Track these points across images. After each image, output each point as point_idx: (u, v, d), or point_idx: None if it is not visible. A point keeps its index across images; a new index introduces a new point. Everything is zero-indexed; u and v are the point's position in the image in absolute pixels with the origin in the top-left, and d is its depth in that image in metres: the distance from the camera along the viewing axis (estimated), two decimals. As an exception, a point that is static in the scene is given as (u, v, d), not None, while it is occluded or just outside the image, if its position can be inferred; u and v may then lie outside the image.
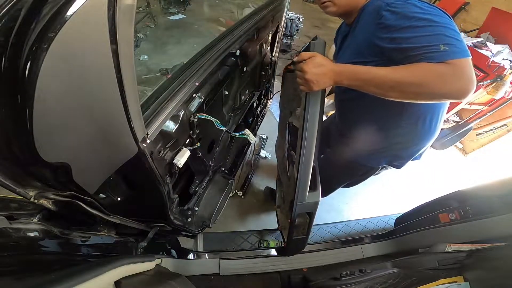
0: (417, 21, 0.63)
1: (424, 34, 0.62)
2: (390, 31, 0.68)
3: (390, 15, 0.67)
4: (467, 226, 1.03)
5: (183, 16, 4.12)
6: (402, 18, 0.65)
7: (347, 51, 0.88)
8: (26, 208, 0.57)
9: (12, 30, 0.26)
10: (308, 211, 0.85)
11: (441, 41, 0.60)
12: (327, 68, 0.69)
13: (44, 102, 0.32)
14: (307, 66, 0.69)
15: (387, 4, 0.69)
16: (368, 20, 0.75)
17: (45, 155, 0.37)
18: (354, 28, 0.84)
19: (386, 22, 0.68)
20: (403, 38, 0.65)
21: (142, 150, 0.56)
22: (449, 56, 0.59)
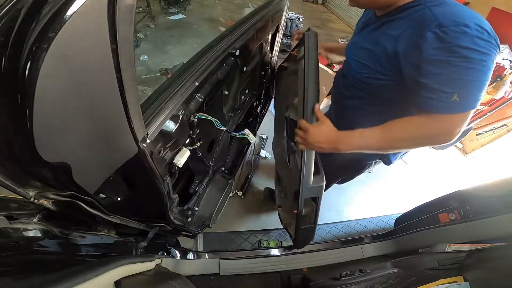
0: (456, 58, 0.55)
1: (449, 75, 0.57)
2: (422, 59, 0.59)
3: (434, 41, 0.56)
4: (467, 226, 1.03)
5: (183, 16, 4.13)
6: (443, 50, 0.56)
7: (363, 46, 0.78)
8: (26, 208, 0.57)
9: (12, 30, 0.26)
10: (314, 196, 0.85)
11: (460, 88, 0.56)
12: (330, 139, 0.72)
13: (44, 102, 0.32)
14: (313, 133, 0.73)
15: (439, 25, 0.56)
16: (406, 29, 0.64)
17: (45, 155, 0.37)
18: (383, 24, 0.73)
19: (425, 46, 0.57)
20: (429, 73, 0.59)
21: (142, 150, 0.56)
22: (454, 109, 0.58)
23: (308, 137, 0.74)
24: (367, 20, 0.82)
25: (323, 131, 0.74)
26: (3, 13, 0.25)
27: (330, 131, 0.74)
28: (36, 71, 0.28)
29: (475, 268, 0.81)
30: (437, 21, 0.57)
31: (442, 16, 0.57)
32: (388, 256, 1.24)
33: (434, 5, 0.61)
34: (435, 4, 0.61)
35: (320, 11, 5.66)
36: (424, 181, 2.18)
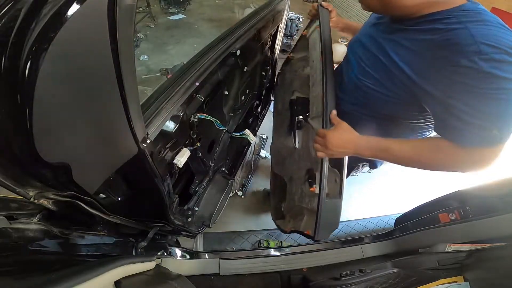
0: (497, 91, 0.48)
1: (489, 110, 0.49)
2: (455, 89, 0.51)
3: (471, 72, 0.48)
4: (467, 226, 1.03)
5: (183, 16, 4.13)
6: (483, 81, 0.48)
7: (370, 49, 0.69)
8: (26, 208, 0.57)
9: (12, 30, 0.26)
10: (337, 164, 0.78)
11: (501, 122, 0.50)
12: (349, 144, 0.67)
13: (44, 102, 0.32)
14: (332, 137, 0.67)
15: (479, 51, 0.47)
16: (429, 48, 0.54)
17: (45, 155, 0.37)
18: (397, 31, 0.62)
19: (459, 76, 0.49)
20: (465, 105, 0.51)
21: (142, 150, 0.56)
22: (493, 143, 0.52)
23: (327, 143, 0.67)
24: (381, 17, 0.72)
25: (343, 134, 0.68)
26: (3, 13, 0.25)
27: (351, 133, 0.67)
28: (36, 71, 0.28)
29: (475, 268, 0.81)
30: (476, 46, 0.47)
31: (483, 39, 0.47)
32: (388, 256, 1.23)
33: (472, 21, 0.50)
34: (474, 20, 0.50)
35: (320, 11, 5.64)
36: (424, 181, 2.18)
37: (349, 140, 0.67)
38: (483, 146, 0.53)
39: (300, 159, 0.93)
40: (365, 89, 0.70)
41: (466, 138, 0.53)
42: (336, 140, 0.67)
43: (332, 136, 0.67)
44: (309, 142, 0.85)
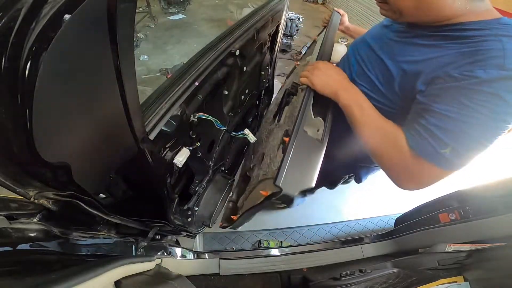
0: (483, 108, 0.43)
1: (458, 124, 0.45)
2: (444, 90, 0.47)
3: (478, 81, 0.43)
4: (467, 226, 1.03)
5: (183, 16, 4.14)
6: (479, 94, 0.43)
7: (375, 51, 0.64)
8: (26, 208, 0.57)
9: (12, 30, 0.26)
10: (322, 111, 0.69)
11: (458, 144, 0.46)
12: (336, 76, 0.65)
13: (44, 102, 0.32)
14: (323, 63, 0.68)
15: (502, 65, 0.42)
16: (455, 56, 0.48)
17: (45, 154, 0.37)
18: (415, 36, 0.56)
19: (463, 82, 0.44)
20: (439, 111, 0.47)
21: (142, 149, 0.56)
22: (438, 162, 0.48)
23: (316, 67, 0.65)
24: (392, 26, 0.65)
25: (334, 66, 0.66)
26: (3, 13, 0.25)
27: (341, 71, 0.66)
28: (36, 71, 0.28)
29: (475, 268, 0.81)
30: (502, 60, 0.42)
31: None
32: (388, 256, 1.24)
33: (508, 35, 0.44)
34: (511, 35, 0.44)
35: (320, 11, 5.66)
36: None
37: (338, 73, 0.65)
38: (427, 159, 0.49)
39: (279, 130, 0.81)
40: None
41: (417, 143, 0.50)
42: (325, 66, 0.65)
43: (322, 62, 0.67)
44: (293, 111, 0.73)
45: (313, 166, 0.56)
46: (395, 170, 0.56)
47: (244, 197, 0.92)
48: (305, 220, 1.75)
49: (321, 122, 0.67)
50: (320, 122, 0.67)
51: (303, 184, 0.54)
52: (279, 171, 0.52)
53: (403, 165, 0.53)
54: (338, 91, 0.63)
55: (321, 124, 0.66)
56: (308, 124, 0.62)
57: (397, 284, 0.84)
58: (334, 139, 0.80)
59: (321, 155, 0.59)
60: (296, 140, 0.57)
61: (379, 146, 0.58)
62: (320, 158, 0.58)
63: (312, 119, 0.65)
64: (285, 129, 0.70)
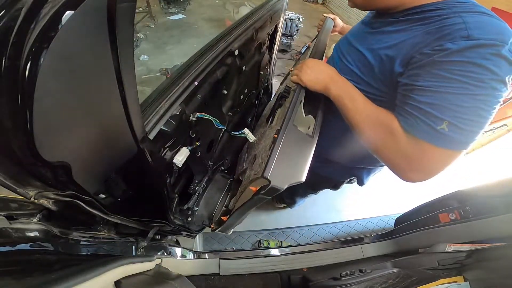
0: (467, 79, 0.43)
1: (447, 97, 0.44)
2: (424, 68, 0.47)
3: (451, 52, 0.44)
4: (467, 226, 1.03)
5: (183, 16, 4.14)
6: (457, 64, 0.43)
7: (354, 45, 0.66)
8: (26, 208, 0.57)
9: (13, 30, 0.26)
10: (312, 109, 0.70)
11: (453, 117, 0.44)
12: (326, 70, 0.66)
13: (44, 102, 0.32)
14: (312, 60, 0.68)
15: (468, 36, 0.43)
16: (416, 35, 0.51)
17: (45, 154, 0.37)
18: (385, 25, 0.60)
19: (436, 56, 0.45)
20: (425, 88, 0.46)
21: (142, 149, 0.56)
22: (437, 140, 0.46)
23: (304, 65, 0.66)
24: (373, 16, 0.68)
25: (322, 62, 0.67)
26: (3, 12, 0.25)
27: (329, 66, 0.67)
28: (36, 71, 0.28)
29: (475, 268, 0.81)
30: (466, 32, 0.43)
31: (476, 26, 0.44)
32: (388, 256, 1.24)
33: (467, 11, 0.47)
34: (470, 11, 0.47)
35: (320, 11, 5.67)
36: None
37: (327, 67, 0.66)
38: (426, 140, 0.47)
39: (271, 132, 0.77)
40: None
41: (410, 124, 0.49)
42: (314, 63, 0.67)
43: (310, 59, 0.68)
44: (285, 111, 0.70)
45: (304, 161, 0.54)
46: (394, 159, 0.54)
47: (235, 199, 0.91)
48: (305, 220, 1.75)
49: (311, 119, 0.66)
50: (310, 120, 0.66)
51: (293, 178, 0.51)
52: (268, 164, 0.51)
53: (401, 151, 0.51)
54: (328, 84, 0.63)
55: (312, 121, 0.66)
56: (299, 121, 0.61)
57: (397, 284, 0.84)
58: (332, 142, 0.81)
59: (312, 150, 0.57)
60: (285, 134, 0.56)
61: (373, 134, 0.56)
62: (310, 153, 0.57)
63: (303, 117, 0.65)
64: (276, 129, 0.70)
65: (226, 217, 0.81)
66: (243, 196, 0.77)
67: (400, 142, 0.51)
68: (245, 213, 0.74)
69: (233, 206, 0.91)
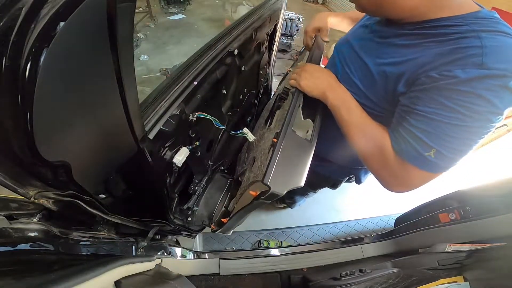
0: (465, 110, 0.42)
1: (440, 126, 0.44)
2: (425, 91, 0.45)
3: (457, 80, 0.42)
4: (467, 226, 1.03)
5: (183, 16, 4.14)
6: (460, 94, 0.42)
7: (359, 54, 0.62)
8: (26, 208, 0.57)
9: (13, 30, 0.26)
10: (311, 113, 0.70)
11: (442, 146, 0.45)
12: (325, 76, 0.65)
13: (44, 102, 0.32)
14: (311, 65, 0.68)
15: (482, 64, 0.40)
16: (427, 53, 0.47)
17: (45, 154, 0.37)
18: (394, 36, 0.55)
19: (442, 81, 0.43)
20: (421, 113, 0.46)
21: (142, 149, 0.56)
22: (422, 165, 0.48)
23: (303, 70, 0.66)
24: (369, 26, 0.64)
25: (321, 68, 0.66)
26: (3, 12, 0.25)
27: (329, 72, 0.65)
28: (36, 71, 0.28)
29: (475, 268, 0.81)
30: (481, 59, 0.40)
31: (492, 52, 0.40)
32: (388, 256, 1.24)
33: (487, 31, 0.43)
34: (490, 30, 0.43)
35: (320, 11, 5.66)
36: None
37: (326, 74, 0.65)
38: (411, 163, 0.49)
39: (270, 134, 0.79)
40: None
41: (400, 147, 0.50)
42: (312, 68, 0.66)
43: (310, 64, 0.67)
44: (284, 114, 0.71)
45: (302, 165, 0.56)
46: (381, 173, 0.57)
47: (235, 200, 0.92)
48: (305, 220, 1.75)
49: (310, 123, 0.67)
50: (309, 123, 0.67)
51: (292, 183, 0.53)
52: (267, 169, 0.52)
53: (388, 168, 0.53)
54: (326, 92, 0.63)
55: (311, 125, 0.66)
56: (297, 125, 0.62)
57: (397, 284, 0.84)
58: (330, 143, 0.81)
59: (310, 155, 0.58)
60: (284, 139, 0.57)
61: (365, 148, 0.58)
62: (309, 157, 0.58)
63: (302, 120, 0.65)
64: (275, 132, 0.70)
65: (226, 219, 0.81)
66: (242, 199, 0.78)
67: (388, 161, 0.53)
68: (244, 216, 0.74)
69: (233, 207, 0.91)
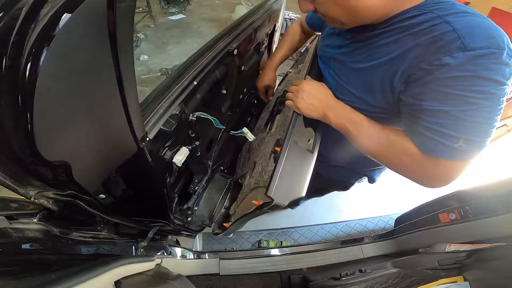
0: (475, 94, 0.43)
1: (459, 115, 0.44)
2: (429, 88, 0.46)
3: (453, 68, 0.43)
4: (467, 226, 1.03)
5: (183, 16, 4.13)
6: (462, 80, 0.43)
7: (344, 61, 0.62)
8: (26, 208, 0.57)
9: (13, 30, 0.26)
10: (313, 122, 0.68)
11: (468, 133, 0.45)
12: (322, 96, 0.62)
13: (44, 102, 0.32)
14: (307, 83, 0.64)
15: (464, 46, 0.42)
16: (410, 48, 0.48)
17: (45, 154, 0.37)
18: (370, 39, 0.55)
19: (438, 73, 0.44)
20: (434, 109, 0.46)
21: (142, 148, 0.56)
22: (457, 156, 0.47)
23: (300, 89, 0.63)
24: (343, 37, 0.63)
25: (318, 86, 0.63)
26: (3, 12, 0.25)
27: (326, 90, 0.63)
28: (37, 70, 0.28)
29: (475, 268, 0.81)
30: (461, 41, 0.42)
31: (467, 32, 0.42)
32: (388, 256, 1.24)
33: (450, 14, 0.45)
34: (452, 12, 0.45)
35: (320, 11, 5.64)
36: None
37: (324, 93, 0.62)
38: (446, 158, 0.48)
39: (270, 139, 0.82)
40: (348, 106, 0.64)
41: (427, 147, 0.49)
42: (309, 87, 0.63)
43: (306, 83, 0.64)
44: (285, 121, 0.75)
45: (304, 176, 0.58)
46: (414, 175, 0.55)
47: (236, 204, 0.93)
48: (305, 220, 1.75)
49: (311, 132, 0.67)
50: (310, 133, 0.67)
51: (294, 194, 0.55)
52: (271, 182, 0.54)
53: (421, 169, 0.53)
54: (326, 112, 0.61)
55: (312, 134, 0.67)
56: (299, 134, 0.62)
57: (397, 284, 0.84)
58: (341, 150, 0.78)
59: (312, 165, 0.60)
60: (287, 151, 0.58)
61: (388, 157, 0.57)
62: (310, 168, 0.59)
63: (303, 129, 0.65)
64: (276, 138, 0.72)
65: (228, 223, 0.82)
66: (243, 204, 0.81)
67: (418, 162, 0.51)
68: (246, 222, 0.76)
69: (234, 211, 0.92)
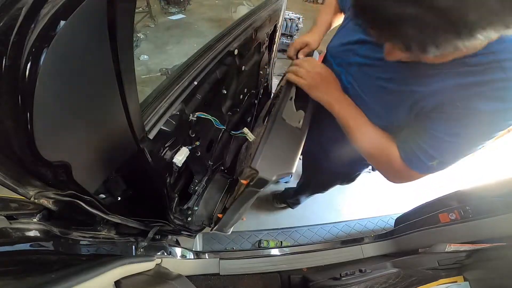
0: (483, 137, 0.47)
1: (454, 146, 0.50)
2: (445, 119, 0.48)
3: (475, 102, 0.43)
4: (467, 226, 1.03)
5: (183, 16, 4.13)
6: (482, 125, 0.46)
7: (375, 84, 0.57)
8: (26, 208, 0.57)
9: (13, 30, 0.26)
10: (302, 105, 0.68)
11: (445, 157, 0.51)
12: (329, 82, 0.62)
13: (44, 102, 0.32)
14: (312, 61, 0.63)
15: (502, 99, 0.41)
16: (450, 81, 0.45)
17: (45, 154, 0.37)
18: (414, 65, 0.48)
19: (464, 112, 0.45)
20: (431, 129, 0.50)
21: (142, 149, 0.56)
22: (425, 171, 0.55)
23: (304, 63, 0.62)
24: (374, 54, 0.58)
25: (324, 66, 0.63)
26: (3, 12, 0.25)
27: (329, 75, 0.63)
28: (36, 71, 0.28)
29: (475, 268, 0.81)
30: (503, 92, 0.41)
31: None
32: (388, 256, 1.24)
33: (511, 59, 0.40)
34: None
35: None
36: (424, 181, 2.18)
37: (328, 78, 0.61)
38: (416, 171, 0.56)
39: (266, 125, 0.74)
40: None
41: (408, 158, 0.55)
42: (313, 65, 0.61)
43: (312, 60, 0.62)
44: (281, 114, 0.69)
45: (293, 153, 0.55)
46: (385, 172, 0.64)
47: (232, 198, 0.91)
48: (305, 220, 1.75)
49: (302, 113, 0.65)
50: (301, 114, 0.65)
51: (282, 169, 0.51)
52: (255, 154, 0.51)
53: (393, 171, 0.61)
54: (332, 101, 0.63)
55: (302, 115, 0.65)
56: (290, 116, 0.61)
57: (397, 284, 0.84)
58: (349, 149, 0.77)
59: (301, 142, 0.57)
60: (274, 127, 0.55)
61: (372, 155, 0.63)
62: (300, 145, 0.57)
63: (294, 112, 0.64)
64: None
65: (221, 214, 0.81)
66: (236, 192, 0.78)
67: (394, 166, 0.58)
68: (239, 209, 0.74)
69: (229, 204, 0.91)
